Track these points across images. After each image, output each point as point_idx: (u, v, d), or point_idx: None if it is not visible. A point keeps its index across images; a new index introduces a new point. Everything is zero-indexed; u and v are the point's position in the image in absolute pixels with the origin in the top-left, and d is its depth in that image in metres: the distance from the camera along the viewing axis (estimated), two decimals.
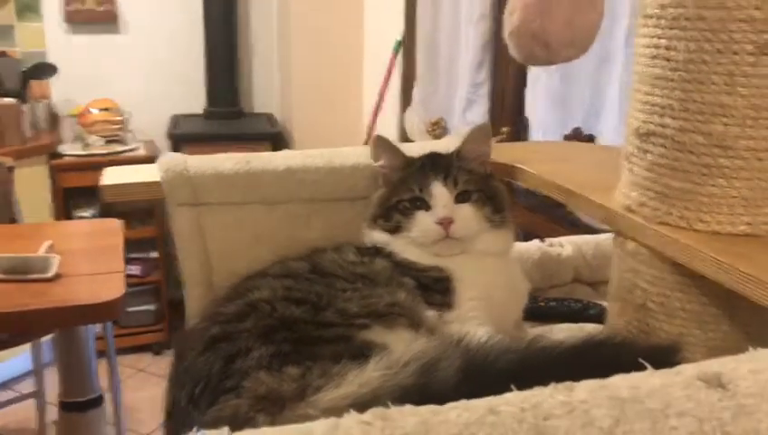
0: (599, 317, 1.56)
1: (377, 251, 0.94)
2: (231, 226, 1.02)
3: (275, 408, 0.63)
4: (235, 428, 0.62)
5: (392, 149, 1.01)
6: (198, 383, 0.71)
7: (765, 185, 0.78)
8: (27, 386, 2.97)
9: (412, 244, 0.94)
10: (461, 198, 0.97)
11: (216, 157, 1.05)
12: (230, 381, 0.68)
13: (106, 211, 3.60)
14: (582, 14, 0.84)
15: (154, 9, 3.68)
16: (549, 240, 1.80)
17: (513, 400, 0.46)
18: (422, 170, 0.98)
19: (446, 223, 0.93)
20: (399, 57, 3.27)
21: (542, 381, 0.62)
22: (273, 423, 0.62)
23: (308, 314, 0.76)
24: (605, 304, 1.63)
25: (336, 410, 0.61)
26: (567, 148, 1.44)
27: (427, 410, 0.44)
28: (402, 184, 0.98)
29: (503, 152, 1.18)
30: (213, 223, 1.01)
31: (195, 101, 3.75)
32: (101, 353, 2.25)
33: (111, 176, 1.03)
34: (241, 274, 0.98)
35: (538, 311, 1.65)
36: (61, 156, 3.43)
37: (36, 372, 2.73)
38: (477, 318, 0.87)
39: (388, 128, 3.41)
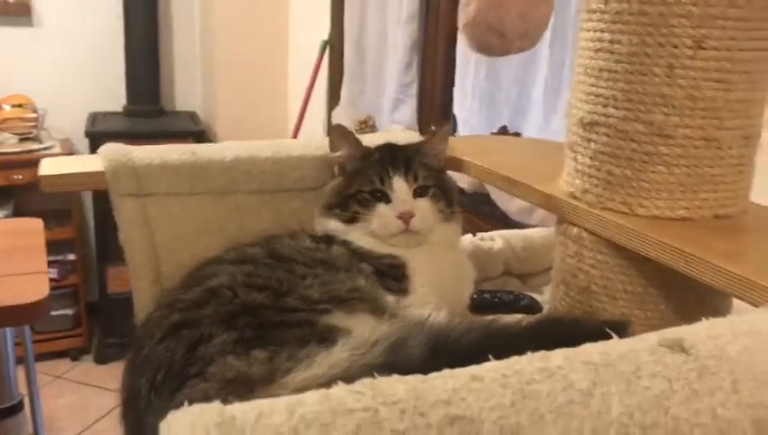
0: (529, 308, 1.61)
1: (330, 239, 0.94)
2: (178, 216, 1.00)
3: (245, 390, 0.63)
4: None
5: (351, 139, 1.02)
6: (160, 370, 0.70)
7: (701, 172, 0.83)
8: None
9: (368, 234, 0.95)
10: (419, 192, 0.99)
11: (162, 147, 1.03)
12: (194, 367, 0.68)
13: (19, 212, 3.46)
14: (535, 7, 0.88)
15: (71, 2, 3.55)
16: (480, 234, 1.85)
17: (494, 367, 0.48)
18: (382, 163, 0.99)
19: (406, 217, 0.95)
20: (326, 56, 3.27)
21: (506, 356, 0.65)
22: None
23: (270, 300, 0.76)
24: (534, 295, 1.69)
25: (308, 390, 0.61)
26: (502, 142, 1.48)
27: (415, 378, 0.46)
28: (361, 175, 0.99)
29: (450, 146, 1.20)
30: (159, 213, 0.99)
31: (114, 98, 3.64)
32: (19, 360, 2.15)
33: (50, 166, 1.00)
34: (189, 265, 0.97)
35: (472, 303, 1.69)
36: None
37: None
38: (431, 303, 0.89)
39: (315, 126, 3.41)
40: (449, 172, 1.13)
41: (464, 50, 2.44)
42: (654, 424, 0.45)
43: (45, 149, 3.41)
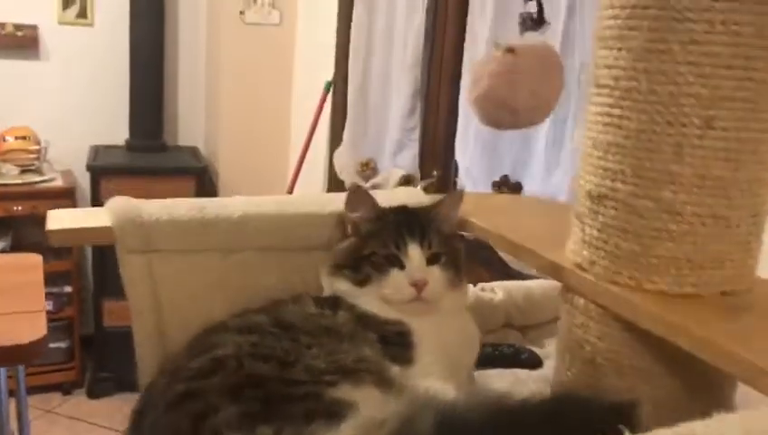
0: (530, 362, 1.61)
1: (335, 302, 0.94)
2: (184, 273, 1.00)
3: None
4: None
5: (369, 201, 1.01)
6: None
7: (709, 248, 0.84)
8: None
9: (378, 298, 0.95)
10: (432, 259, 0.98)
11: (169, 202, 1.03)
12: None
13: (18, 243, 3.46)
14: (547, 84, 0.89)
15: (76, 36, 3.58)
16: (481, 285, 1.85)
17: None
18: (397, 227, 0.99)
19: (420, 284, 0.95)
20: (329, 96, 3.30)
21: None
22: None
23: (275, 371, 0.75)
24: (535, 348, 1.68)
25: None
26: (507, 201, 1.49)
27: None
28: (376, 237, 0.98)
29: None
30: (165, 270, 0.99)
31: (116, 132, 3.65)
32: (10, 393, 2.13)
33: (57, 220, 1.00)
34: (194, 323, 0.96)
35: None
36: None
37: None
38: (436, 373, 0.88)
39: (316, 166, 3.42)
40: None
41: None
42: None
43: (46, 181, 3.42)
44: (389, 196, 1.13)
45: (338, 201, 1.05)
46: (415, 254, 0.96)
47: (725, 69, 0.79)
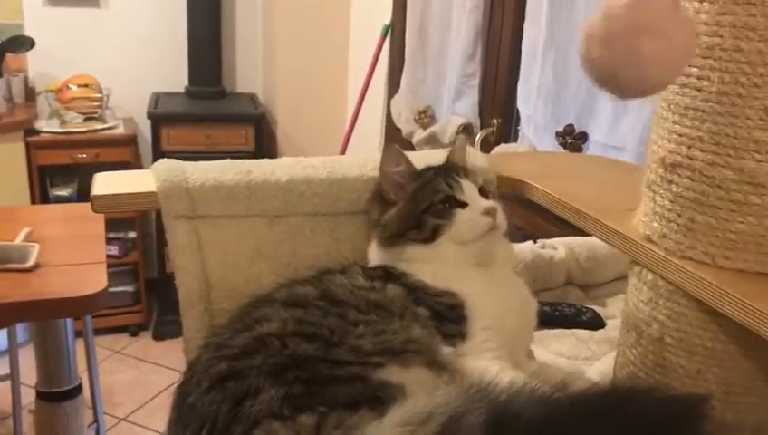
0: (591, 323, 1.55)
1: (385, 273, 0.90)
2: (231, 240, 0.97)
3: None
4: None
5: (405, 157, 0.98)
6: (205, 425, 0.67)
7: None
8: (1, 366, 2.91)
9: (440, 256, 0.91)
10: (482, 193, 0.96)
11: (216, 165, 1.00)
12: (239, 426, 0.65)
13: (84, 190, 3.54)
14: (658, 70, 0.77)
15: None
16: (542, 241, 1.78)
17: None
18: (440, 174, 0.96)
19: (492, 211, 0.92)
20: (387, 42, 3.21)
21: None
22: None
23: (320, 352, 0.72)
24: (597, 307, 1.62)
25: None
26: (578, 162, 1.41)
27: None
28: (425, 190, 0.95)
29: (511, 165, 1.14)
30: (212, 237, 0.96)
31: (177, 78, 3.66)
32: (78, 333, 2.19)
33: (103, 184, 0.98)
34: (241, 291, 0.94)
35: None
36: (37, 132, 3.35)
37: (11, 355, 2.67)
38: (492, 350, 0.84)
39: (374, 113, 3.36)
40: None
41: (530, 44, 2.34)
42: None
43: (109, 128, 3.47)
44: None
45: None
46: (470, 188, 0.94)
47: None
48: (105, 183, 0.98)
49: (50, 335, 1.98)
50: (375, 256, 0.96)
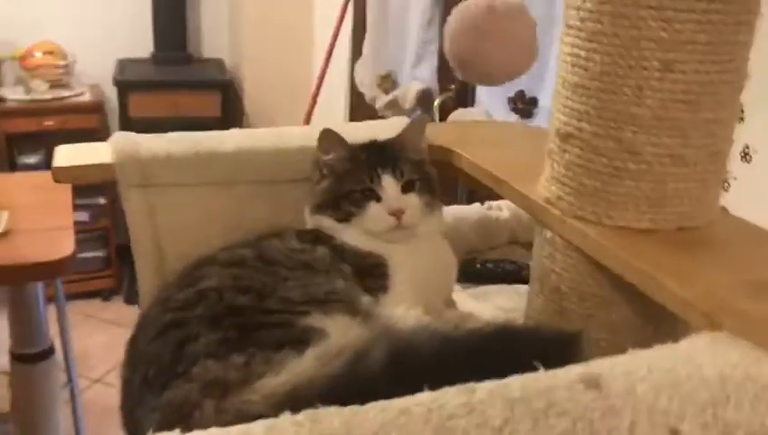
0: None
1: (316, 237, 1.00)
2: (182, 207, 1.07)
3: (221, 393, 0.71)
4: (184, 411, 0.70)
5: (340, 142, 1.05)
6: (151, 367, 0.78)
7: (666, 187, 0.88)
8: None
9: (358, 232, 1.01)
10: (407, 187, 1.03)
11: (167, 137, 1.09)
12: (181, 365, 0.75)
13: (51, 157, 3.57)
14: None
15: None
16: (488, 203, 1.90)
17: (423, 400, 0.54)
18: (369, 162, 1.04)
19: (398, 213, 1.00)
20: (350, 7, 3.27)
21: (460, 367, 0.72)
22: (218, 407, 0.70)
23: (253, 302, 0.83)
24: None
25: (275, 396, 0.69)
26: (504, 131, 1.51)
27: (350, 410, 0.52)
28: (351, 175, 1.03)
29: (441, 133, 1.25)
30: (164, 204, 1.06)
31: (142, 44, 3.69)
32: (50, 299, 2.28)
33: (63, 156, 1.07)
34: (191, 254, 1.04)
35: (475, 273, 1.76)
36: (3, 100, 3.37)
37: None
38: (408, 300, 0.95)
39: (339, 79, 3.43)
40: None
41: None
42: None
43: (76, 96, 3.51)
44: (376, 129, 1.17)
45: None
46: (389, 184, 1.01)
47: (686, 12, 0.81)
48: (66, 155, 1.07)
49: (21, 299, 2.07)
50: (307, 219, 1.06)
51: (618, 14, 0.84)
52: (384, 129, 1.16)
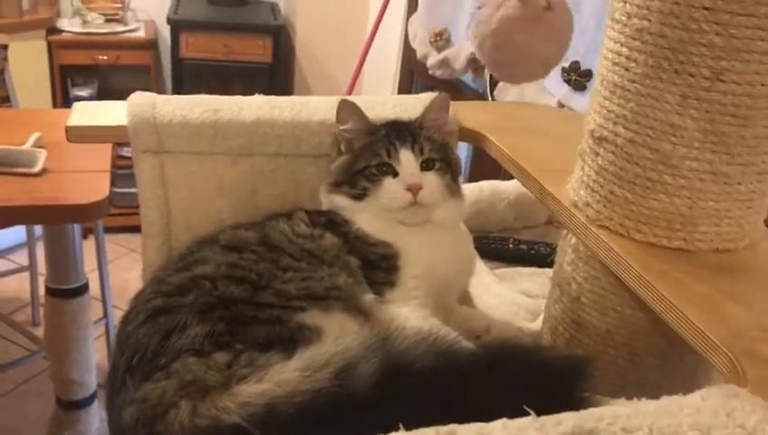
0: None
1: (328, 220, 0.96)
2: (194, 176, 1.04)
3: (198, 395, 0.68)
4: (159, 409, 0.68)
5: (359, 114, 1.01)
6: (136, 353, 0.75)
7: (704, 205, 0.80)
8: (22, 256, 3.07)
9: (373, 213, 0.96)
10: (426, 165, 0.98)
11: (185, 101, 1.05)
12: (164, 357, 0.73)
13: (104, 91, 3.60)
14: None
15: None
16: None
17: None
18: (388, 137, 0.99)
19: (414, 189, 0.95)
20: None
21: (455, 391, 0.67)
22: (194, 409, 0.67)
23: (246, 294, 0.79)
24: None
25: (252, 407, 0.66)
26: (542, 116, 1.42)
27: None
28: (368, 150, 0.98)
29: (473, 116, 1.18)
30: (176, 172, 1.03)
31: None
32: (90, 232, 2.29)
33: (79, 115, 1.04)
34: (199, 227, 1.01)
35: (506, 252, 1.70)
36: (59, 31, 3.38)
37: (29, 248, 2.82)
38: (418, 298, 0.91)
39: (393, 30, 3.34)
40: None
41: None
42: None
43: (130, 31, 3.50)
44: (396, 106, 1.12)
45: None
46: (407, 159, 0.97)
47: (745, 17, 0.72)
48: (81, 113, 1.04)
49: (57, 236, 2.09)
50: (323, 199, 1.02)
51: (667, 12, 0.75)
52: (406, 106, 1.10)
